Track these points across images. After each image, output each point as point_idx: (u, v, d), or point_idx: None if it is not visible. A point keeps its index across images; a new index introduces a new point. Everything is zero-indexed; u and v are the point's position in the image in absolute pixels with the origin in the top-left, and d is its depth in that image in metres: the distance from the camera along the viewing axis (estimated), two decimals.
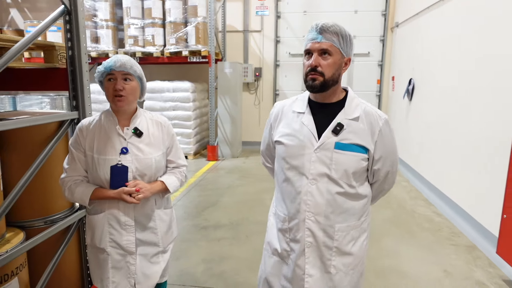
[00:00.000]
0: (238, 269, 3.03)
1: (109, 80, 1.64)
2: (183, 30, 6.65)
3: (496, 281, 2.88)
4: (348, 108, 1.47)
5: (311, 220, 1.47)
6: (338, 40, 1.40)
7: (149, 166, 1.72)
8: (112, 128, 1.70)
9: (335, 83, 1.44)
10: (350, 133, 1.44)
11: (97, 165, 1.66)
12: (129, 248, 1.73)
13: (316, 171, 1.45)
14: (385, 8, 7.40)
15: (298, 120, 1.51)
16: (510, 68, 3.17)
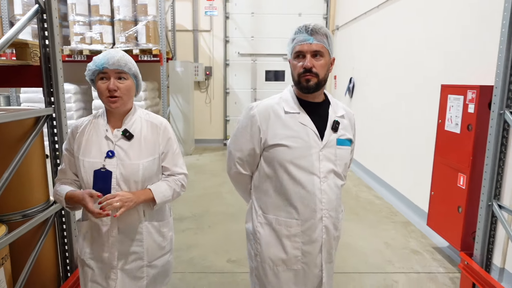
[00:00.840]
0: (205, 255, 3.24)
1: (102, 79, 1.50)
2: (133, 29, 6.62)
3: (427, 249, 3.40)
4: (335, 107, 1.56)
5: (326, 217, 1.50)
6: (327, 41, 1.44)
7: (135, 173, 1.55)
8: (101, 129, 1.58)
9: (325, 82, 1.49)
10: (342, 129, 1.53)
11: (82, 168, 1.54)
12: (111, 262, 1.58)
13: (325, 168, 1.49)
14: (326, 12, 7.97)
15: (295, 121, 1.49)
16: (432, 71, 3.73)
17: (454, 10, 3.43)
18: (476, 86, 2.71)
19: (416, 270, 3.02)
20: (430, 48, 3.85)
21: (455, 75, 3.34)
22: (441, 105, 3.16)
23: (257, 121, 1.51)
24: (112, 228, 1.57)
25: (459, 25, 3.34)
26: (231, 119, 8.37)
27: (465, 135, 2.83)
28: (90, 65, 1.51)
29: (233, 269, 3.01)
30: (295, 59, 1.46)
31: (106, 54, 1.49)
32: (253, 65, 8.15)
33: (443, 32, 3.60)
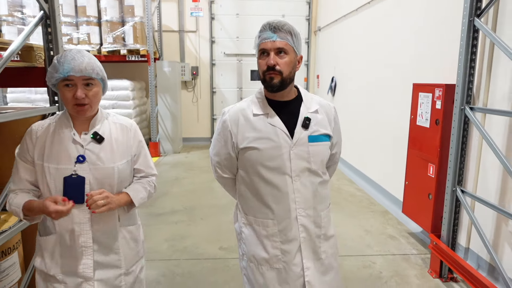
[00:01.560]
0: (198, 244, 3.45)
1: (67, 85, 1.38)
2: (121, 29, 6.75)
3: (403, 234, 3.71)
4: (307, 102, 1.52)
5: (302, 216, 1.49)
6: (292, 38, 1.41)
7: (110, 176, 1.48)
8: (66, 133, 1.46)
9: (291, 81, 1.47)
10: (316, 125, 1.50)
11: (47, 175, 1.42)
12: (86, 274, 1.48)
13: (297, 167, 1.47)
14: (308, 13, 8.25)
15: (264, 123, 1.48)
16: (405, 71, 4.04)
17: (422, 16, 3.74)
18: (442, 84, 3.01)
19: (392, 253, 3.31)
20: (403, 49, 4.15)
21: (426, 75, 3.65)
22: (413, 102, 3.45)
23: (228, 126, 1.52)
24: (86, 237, 1.47)
25: (427, 29, 3.65)
26: (218, 117, 8.55)
27: (434, 129, 3.13)
28: (51, 71, 1.38)
29: (225, 255, 3.23)
30: (260, 56, 1.44)
31: (70, 59, 1.37)
32: (238, 65, 8.37)
33: (415, 35, 3.91)
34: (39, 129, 1.48)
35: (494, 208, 2.51)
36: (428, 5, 3.68)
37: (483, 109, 2.64)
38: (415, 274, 2.96)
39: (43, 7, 2.26)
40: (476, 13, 2.53)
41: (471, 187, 2.94)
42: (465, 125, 2.70)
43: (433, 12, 3.58)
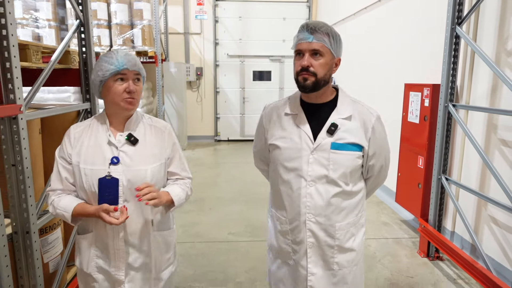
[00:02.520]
0: (209, 230, 3.79)
1: (120, 79, 1.42)
2: (130, 32, 7.08)
3: (396, 221, 4.05)
4: (341, 108, 1.46)
5: (311, 222, 1.47)
6: (329, 40, 1.38)
7: (143, 179, 1.47)
8: (102, 134, 1.49)
9: (326, 83, 1.42)
10: (344, 132, 1.43)
11: (83, 177, 1.45)
12: (118, 277, 1.51)
13: (314, 173, 1.44)
14: (308, 16, 8.59)
15: (292, 122, 1.49)
16: (398, 72, 4.39)
17: (413, 23, 4.08)
18: (430, 84, 3.35)
19: (385, 237, 3.65)
20: (396, 52, 4.50)
21: (416, 75, 3.98)
22: (404, 101, 3.79)
23: (263, 121, 1.59)
24: (119, 240, 1.49)
25: (418, 34, 3.99)
26: (221, 116, 8.90)
27: (422, 124, 3.47)
28: (105, 65, 1.41)
29: (234, 239, 3.57)
30: (295, 57, 1.44)
31: (121, 54, 1.42)
32: (241, 66, 8.71)
33: (406, 39, 4.25)
34: (77, 131, 1.51)
35: (475, 193, 2.85)
36: (418, 13, 4.03)
37: (464, 106, 2.98)
38: (406, 254, 3.30)
39: (79, 16, 2.59)
40: (458, 21, 2.87)
41: (456, 176, 3.28)
42: (449, 120, 3.04)
43: (423, 19, 3.92)
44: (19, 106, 1.78)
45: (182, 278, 2.85)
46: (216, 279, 2.87)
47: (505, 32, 2.75)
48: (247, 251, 3.33)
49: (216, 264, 3.10)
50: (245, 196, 4.84)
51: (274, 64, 8.72)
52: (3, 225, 1.66)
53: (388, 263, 3.14)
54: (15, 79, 1.76)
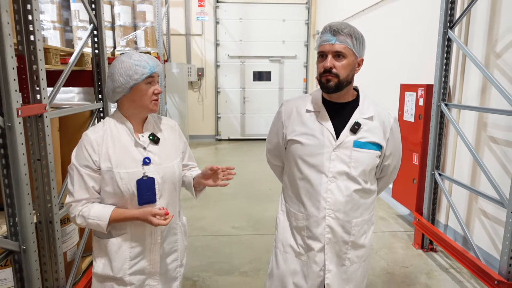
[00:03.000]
0: (213, 223, 3.95)
1: (148, 83, 1.47)
2: (133, 34, 7.23)
3: (392, 216, 4.22)
4: (363, 107, 1.49)
5: (331, 217, 1.49)
6: (351, 41, 1.40)
7: (173, 174, 1.56)
8: (126, 137, 1.51)
9: (349, 83, 1.46)
10: (366, 132, 1.46)
11: (119, 181, 1.46)
12: (153, 270, 1.57)
13: (335, 169, 1.46)
14: (307, 18, 8.76)
15: (314, 119, 1.51)
16: (395, 73, 4.56)
17: (409, 26, 4.25)
18: (424, 85, 3.52)
19: (382, 230, 3.82)
20: (392, 54, 4.66)
21: (412, 76, 4.15)
22: (400, 100, 3.96)
23: (282, 117, 1.61)
24: (156, 235, 1.55)
25: (413, 37, 4.16)
26: (222, 116, 9.06)
27: (417, 123, 3.64)
28: (139, 68, 1.43)
29: (237, 232, 3.74)
30: (318, 58, 1.47)
31: (149, 58, 1.47)
32: (241, 66, 8.87)
33: (403, 41, 4.42)
34: (97, 136, 1.48)
35: (466, 188, 3.02)
36: (414, 16, 4.20)
37: (456, 105, 3.15)
38: (401, 246, 3.47)
39: (93, 21, 2.75)
40: (449, 25, 3.04)
41: (449, 171, 3.46)
42: (442, 119, 3.21)
43: (418, 22, 4.09)
44: (44, 105, 1.94)
45: (189, 269, 3.01)
46: (222, 269, 3.03)
47: (494, 35, 2.92)
48: (250, 243, 3.49)
49: (221, 255, 3.26)
50: (246, 192, 5.00)
51: (274, 64, 8.88)
52: (32, 214, 1.81)
53: (384, 254, 3.31)
54: (41, 80, 1.92)
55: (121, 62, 1.46)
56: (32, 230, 1.83)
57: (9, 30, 1.63)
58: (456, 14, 3.05)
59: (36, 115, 1.92)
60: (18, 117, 1.69)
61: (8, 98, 1.65)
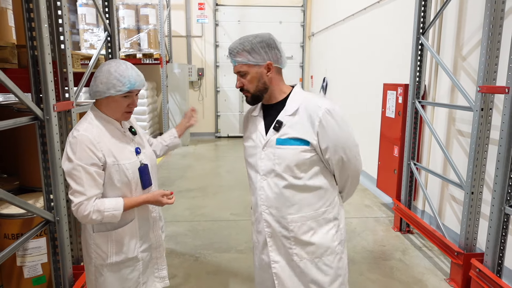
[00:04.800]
0: (213, 211, 4.34)
1: (125, 96, 1.57)
2: (137, 36, 7.62)
3: (376, 204, 4.61)
4: (288, 105, 1.52)
5: (266, 213, 1.56)
6: (244, 57, 1.46)
7: (154, 158, 1.82)
8: (116, 132, 1.65)
9: (266, 90, 1.52)
10: (288, 128, 1.48)
11: (126, 171, 1.60)
12: (158, 242, 1.80)
13: (265, 167, 1.53)
14: (303, 20, 9.15)
15: (253, 123, 1.62)
16: (379, 73, 4.95)
17: (391, 31, 4.64)
18: (402, 84, 3.91)
19: (365, 216, 4.21)
20: (377, 55, 5.05)
21: (394, 76, 4.54)
22: (383, 98, 4.35)
23: (243, 122, 1.77)
24: (157, 211, 1.81)
25: (395, 40, 4.54)
26: (221, 114, 9.45)
27: (397, 119, 4.03)
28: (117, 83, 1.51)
29: (234, 218, 4.13)
30: None
31: (136, 74, 1.57)
32: None
33: (386, 44, 4.80)
34: (95, 135, 1.56)
35: (437, 176, 3.41)
36: (396, 22, 4.59)
37: (428, 102, 3.55)
38: (382, 229, 3.86)
39: (107, 28, 3.13)
40: (421, 31, 3.42)
41: (425, 162, 3.85)
42: (416, 114, 3.60)
43: (400, 27, 4.48)
44: (72, 102, 2.33)
45: (192, 247, 3.41)
46: (221, 247, 3.43)
47: (460, 40, 3.31)
48: (246, 227, 3.89)
49: (220, 237, 3.66)
50: (244, 184, 5.39)
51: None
52: (63, 192, 2.20)
53: (365, 236, 3.70)
54: (69, 81, 2.31)
55: (107, 70, 1.53)
56: (64, 205, 2.22)
57: (47, 42, 2.02)
58: (427, 22, 3.44)
59: (65, 110, 2.31)
60: (54, 111, 2.08)
61: (47, 96, 2.04)
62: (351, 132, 1.53)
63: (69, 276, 2.28)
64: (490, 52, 2.51)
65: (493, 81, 2.55)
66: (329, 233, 1.57)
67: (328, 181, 1.56)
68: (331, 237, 1.57)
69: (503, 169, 2.33)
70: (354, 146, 1.55)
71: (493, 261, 2.46)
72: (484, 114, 2.59)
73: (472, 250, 2.77)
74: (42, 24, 1.98)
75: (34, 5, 1.95)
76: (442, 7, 3.13)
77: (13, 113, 2.59)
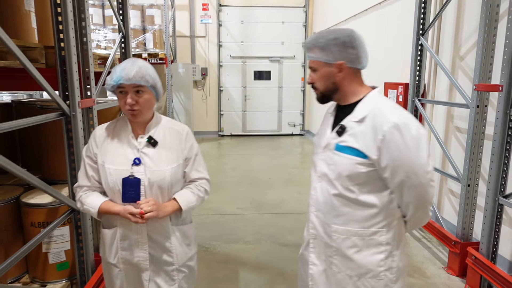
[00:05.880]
0: (219, 205, 4.50)
1: (120, 92, 1.50)
2: (142, 36, 7.78)
3: None
4: (356, 111, 1.40)
5: (313, 214, 1.54)
6: (316, 54, 1.41)
7: (162, 179, 1.56)
8: (125, 136, 1.59)
9: (336, 91, 1.44)
10: (349, 136, 1.39)
11: (108, 176, 1.55)
12: (142, 265, 1.62)
13: (321, 169, 1.49)
14: (305, 20, 9.30)
15: (326, 120, 1.57)
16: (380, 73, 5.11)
17: (393, 31, 4.80)
18: (403, 83, 4.07)
19: None
20: (379, 55, 5.21)
21: (395, 75, 4.70)
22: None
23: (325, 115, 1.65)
24: (142, 234, 1.59)
25: (396, 41, 4.70)
26: (225, 113, 9.61)
27: None
28: (108, 79, 1.49)
29: (241, 212, 4.29)
30: None
31: (122, 68, 1.46)
32: (243, 66, 9.41)
33: (388, 45, 4.96)
34: (102, 132, 1.61)
35: (437, 170, 3.57)
36: (395, 23, 4.74)
37: (427, 100, 3.71)
38: None
39: (122, 30, 3.29)
40: (421, 33, 3.58)
41: None
42: (416, 112, 3.76)
43: (399, 28, 4.64)
44: (93, 99, 2.49)
45: (202, 239, 3.57)
46: (229, 239, 3.59)
47: (458, 41, 3.47)
48: (252, 220, 4.05)
49: (228, 229, 3.82)
50: (249, 180, 5.56)
51: (274, 64, 9.43)
52: None
53: None
54: (91, 80, 2.46)
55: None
56: None
57: (74, 43, 2.18)
58: (427, 24, 3.59)
59: (88, 107, 2.47)
60: (79, 108, 2.24)
61: (73, 94, 2.20)
62: (422, 155, 1.28)
63: (91, 262, 2.44)
64: (486, 52, 2.67)
65: (488, 80, 2.70)
66: (375, 256, 1.43)
67: (386, 201, 1.40)
68: (377, 261, 1.43)
69: (497, 163, 2.49)
70: (422, 172, 1.30)
71: (488, 249, 2.62)
72: (479, 111, 2.75)
73: (469, 240, 2.93)
74: (69, 27, 2.14)
75: (62, 9, 2.10)
76: (441, 9, 3.29)
77: (36, 110, 2.76)
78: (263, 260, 3.19)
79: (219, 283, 2.85)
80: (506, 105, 2.41)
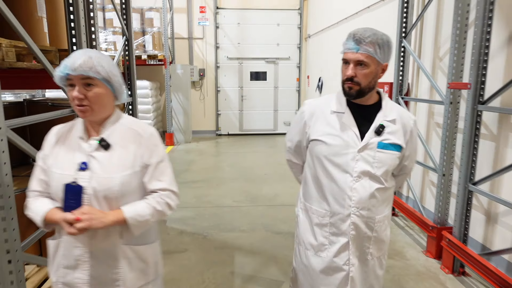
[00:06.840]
0: (217, 199, 4.76)
1: (70, 85, 1.29)
2: (142, 38, 8.04)
3: None
4: (386, 110, 1.53)
5: (356, 215, 1.54)
6: (374, 50, 1.41)
7: (109, 188, 1.32)
8: (75, 137, 1.38)
9: (371, 89, 1.49)
10: (389, 134, 1.51)
11: (52, 180, 1.35)
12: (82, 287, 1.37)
13: (360, 169, 1.51)
14: (300, 22, 9.58)
15: (338, 120, 1.54)
16: None
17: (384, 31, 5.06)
18: (388, 82, 4.34)
19: None
20: None
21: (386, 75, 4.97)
22: None
23: (304, 116, 1.64)
24: (83, 250, 1.36)
25: None
26: (222, 113, 9.87)
27: None
28: (56, 70, 1.29)
29: (237, 205, 4.55)
30: (342, 65, 1.52)
31: (70, 56, 1.28)
32: (239, 67, 9.68)
33: None
34: (57, 132, 1.43)
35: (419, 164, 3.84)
36: (382, 26, 5.02)
37: (410, 98, 3.98)
38: None
39: (125, 33, 3.55)
40: (404, 35, 3.86)
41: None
42: None
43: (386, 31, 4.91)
44: None
45: (200, 228, 3.82)
46: (226, 228, 3.85)
47: (438, 43, 3.74)
48: (248, 212, 4.31)
49: (225, 220, 4.08)
50: (244, 177, 5.82)
51: (269, 65, 9.71)
52: None
53: None
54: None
55: None
56: None
57: (85, 47, 2.43)
58: (409, 27, 3.87)
59: None
60: None
61: None
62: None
63: None
64: (457, 54, 2.94)
65: (460, 79, 2.98)
66: (388, 229, 1.68)
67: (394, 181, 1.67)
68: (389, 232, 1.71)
69: (467, 153, 2.76)
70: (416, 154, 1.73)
71: (459, 232, 2.89)
72: (452, 107, 3.02)
73: (444, 225, 3.20)
74: (81, 32, 2.40)
75: (75, 16, 2.36)
76: (422, 12, 3.56)
77: (47, 108, 3.01)
78: (257, 246, 3.45)
79: (215, 265, 3.10)
80: (473, 101, 2.68)
